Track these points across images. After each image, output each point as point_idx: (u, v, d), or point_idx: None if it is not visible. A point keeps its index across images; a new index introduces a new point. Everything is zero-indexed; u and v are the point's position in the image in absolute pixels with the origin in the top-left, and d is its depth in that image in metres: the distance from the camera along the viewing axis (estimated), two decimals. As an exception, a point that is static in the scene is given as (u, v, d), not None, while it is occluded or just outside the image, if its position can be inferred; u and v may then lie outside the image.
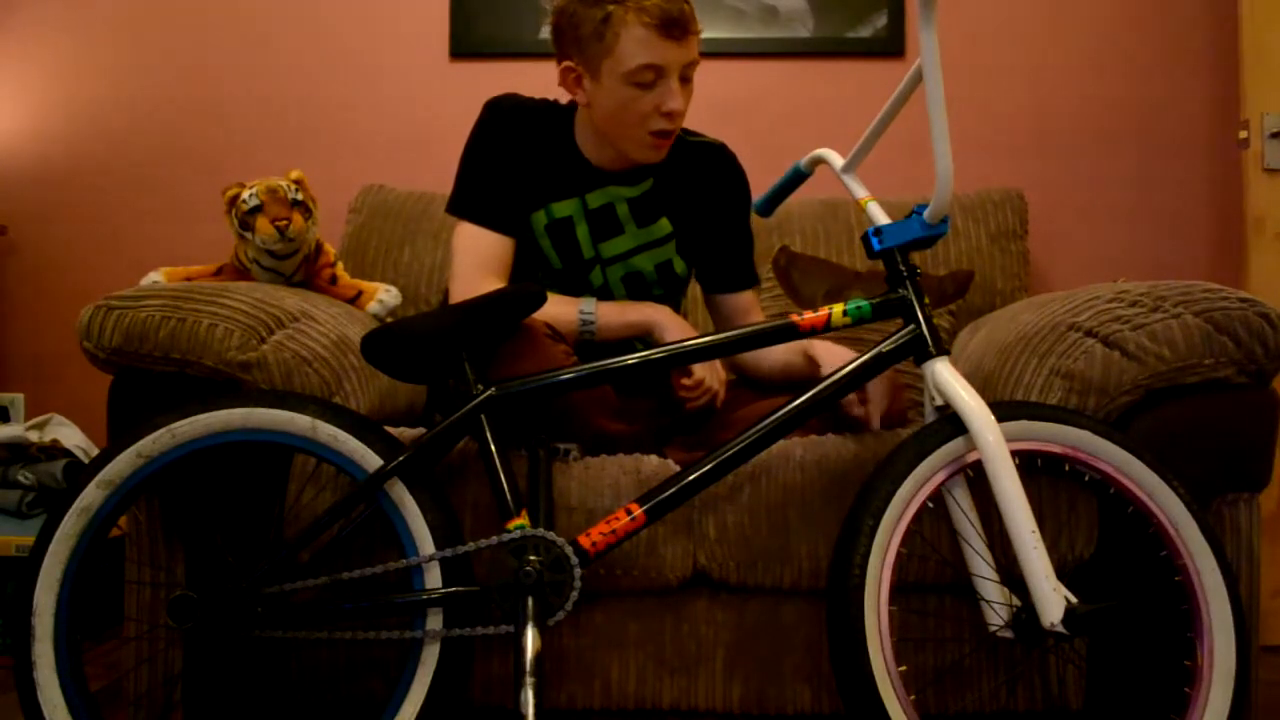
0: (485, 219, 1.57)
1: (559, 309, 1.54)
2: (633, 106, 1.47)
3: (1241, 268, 2.19)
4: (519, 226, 1.60)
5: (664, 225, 1.65)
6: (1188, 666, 1.25)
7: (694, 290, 2.14)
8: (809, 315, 1.30)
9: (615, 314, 1.58)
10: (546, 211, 1.61)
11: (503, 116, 1.59)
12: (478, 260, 1.56)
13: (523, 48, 2.44)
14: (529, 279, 1.63)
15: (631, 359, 1.29)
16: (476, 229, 1.57)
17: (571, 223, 1.61)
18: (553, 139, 1.61)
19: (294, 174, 1.80)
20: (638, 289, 1.67)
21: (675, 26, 1.43)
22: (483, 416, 1.26)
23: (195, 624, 1.21)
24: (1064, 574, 1.33)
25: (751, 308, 1.71)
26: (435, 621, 1.22)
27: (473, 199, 1.58)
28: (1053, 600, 1.15)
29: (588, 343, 1.57)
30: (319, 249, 1.86)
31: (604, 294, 1.65)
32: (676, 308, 1.74)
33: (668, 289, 1.70)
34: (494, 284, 1.54)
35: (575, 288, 1.63)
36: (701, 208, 1.67)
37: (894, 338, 1.29)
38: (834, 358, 1.45)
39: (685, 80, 1.50)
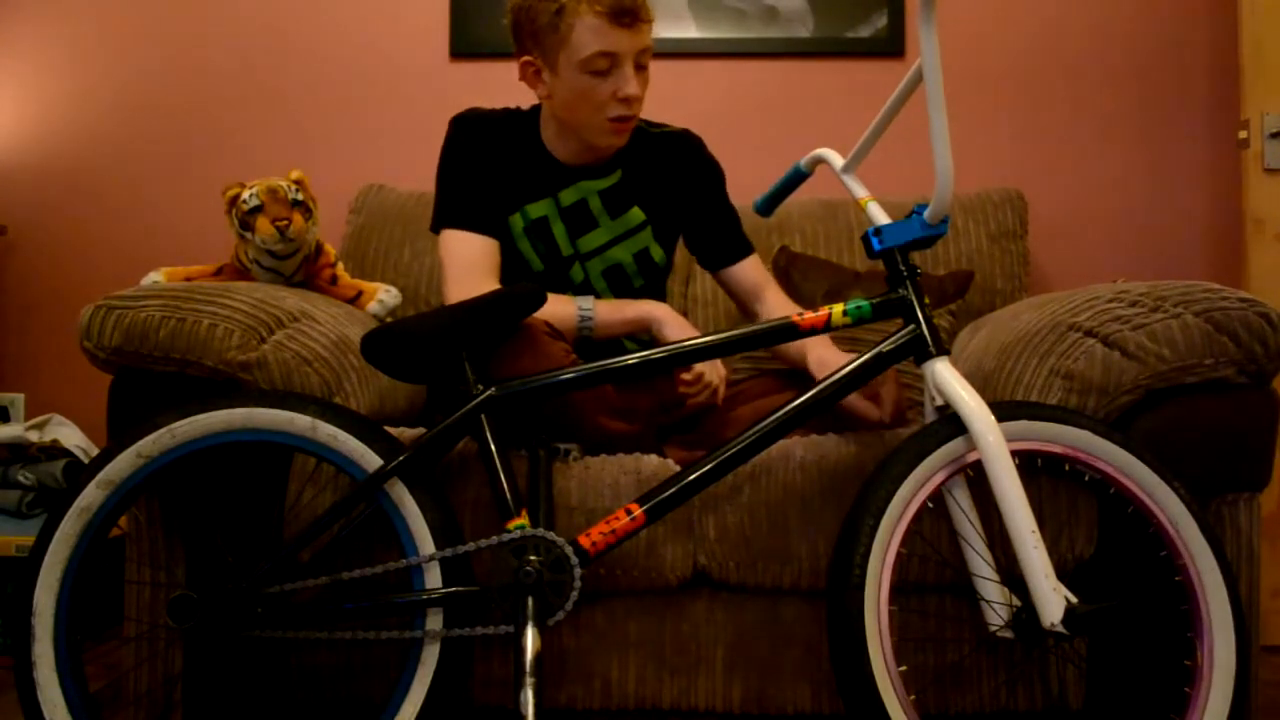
0: (469, 223, 1.59)
1: (557, 307, 1.55)
2: (591, 95, 1.51)
3: (1241, 268, 2.19)
4: (500, 230, 1.62)
5: (637, 214, 1.68)
6: (1188, 666, 1.25)
7: (695, 290, 2.14)
8: (809, 315, 1.30)
9: (614, 311, 1.59)
10: (522, 214, 1.64)
11: (469, 128, 1.63)
12: (468, 263, 1.57)
13: (523, 48, 2.44)
14: (511, 284, 1.63)
15: (632, 359, 1.29)
16: (462, 234, 1.59)
17: (548, 222, 1.64)
18: (520, 143, 1.65)
19: (294, 174, 1.80)
20: (618, 281, 1.69)
21: (626, 15, 1.47)
22: (483, 416, 1.26)
23: (195, 624, 1.21)
24: (1064, 574, 1.33)
25: (758, 273, 1.74)
26: (435, 621, 1.22)
27: (453, 208, 1.61)
28: (1053, 600, 1.15)
29: (585, 341, 1.57)
30: (319, 249, 1.86)
31: (585, 290, 1.67)
32: (660, 297, 1.77)
33: (648, 279, 1.72)
34: (489, 284, 1.56)
35: (556, 287, 1.65)
36: (673, 193, 1.71)
37: (894, 338, 1.29)
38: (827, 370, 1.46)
39: (640, 68, 1.53)
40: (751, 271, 1.74)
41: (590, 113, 1.54)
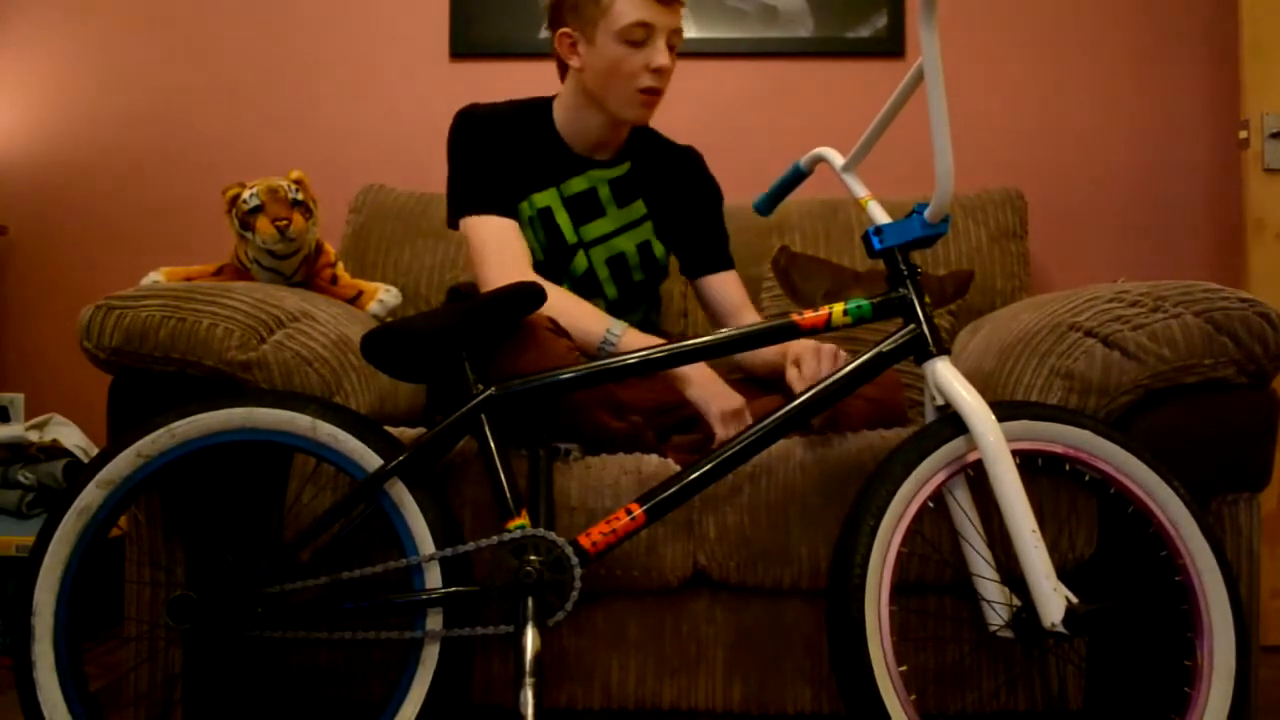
0: (491, 207, 1.61)
1: (587, 324, 1.51)
2: (625, 64, 1.57)
3: (1241, 268, 2.19)
4: (516, 213, 1.65)
5: (640, 206, 1.74)
6: (1188, 666, 1.25)
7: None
8: (809, 315, 1.30)
9: (640, 342, 1.49)
10: (529, 203, 1.67)
11: (475, 120, 1.66)
12: (502, 243, 1.59)
13: (523, 48, 2.44)
14: None
15: (631, 358, 1.29)
16: (485, 218, 1.60)
17: (551, 212, 1.67)
18: (529, 132, 1.68)
19: (294, 174, 1.80)
20: (620, 271, 1.72)
21: None
22: (483, 416, 1.26)
23: (195, 624, 1.21)
24: (1064, 574, 1.33)
25: (737, 292, 1.78)
26: (435, 621, 1.22)
27: (472, 194, 1.62)
28: (1053, 600, 1.15)
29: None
30: (319, 249, 1.86)
31: (588, 277, 1.70)
32: (656, 294, 1.84)
33: (649, 273, 1.75)
34: (525, 263, 1.59)
35: (557, 277, 1.67)
36: (673, 197, 1.77)
37: (894, 337, 1.29)
38: (808, 357, 1.46)
39: (670, 48, 1.60)
40: (731, 289, 1.77)
41: (622, 82, 1.59)
